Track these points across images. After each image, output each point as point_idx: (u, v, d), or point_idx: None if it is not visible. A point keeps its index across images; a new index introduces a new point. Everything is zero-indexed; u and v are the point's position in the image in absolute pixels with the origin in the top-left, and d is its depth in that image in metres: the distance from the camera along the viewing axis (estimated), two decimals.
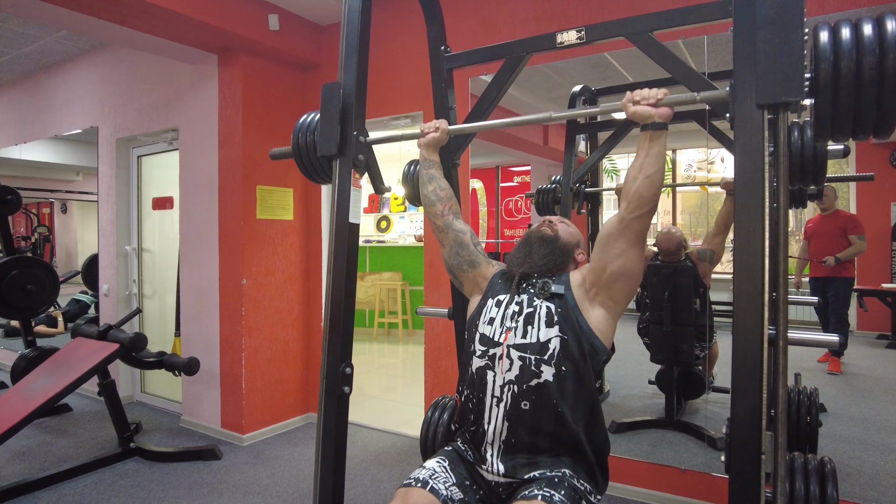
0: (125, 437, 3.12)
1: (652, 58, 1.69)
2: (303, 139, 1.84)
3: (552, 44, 1.85)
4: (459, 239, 1.70)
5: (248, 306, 3.43)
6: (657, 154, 1.34)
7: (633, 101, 1.37)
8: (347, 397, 1.72)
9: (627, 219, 1.38)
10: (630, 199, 1.36)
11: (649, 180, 1.34)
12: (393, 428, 3.69)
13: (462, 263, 1.70)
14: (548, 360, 1.42)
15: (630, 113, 1.36)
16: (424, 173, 1.76)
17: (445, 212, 1.72)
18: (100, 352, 2.92)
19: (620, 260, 1.40)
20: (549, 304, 1.48)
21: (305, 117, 1.88)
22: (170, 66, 3.78)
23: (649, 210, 1.37)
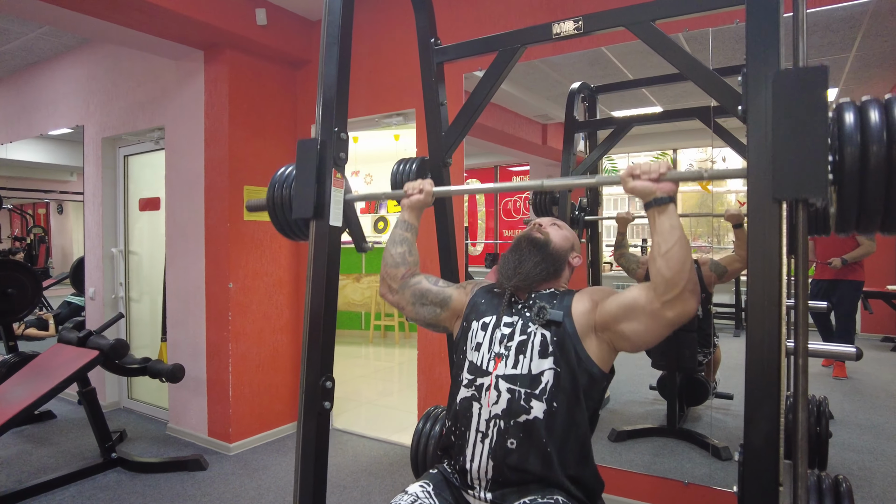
0: (107, 446, 3.00)
1: (656, 50, 1.57)
2: (279, 193, 1.70)
3: (548, 35, 1.74)
4: (417, 290, 1.57)
5: (235, 311, 3.31)
6: (669, 228, 1.18)
7: (632, 175, 1.22)
8: (328, 413, 1.60)
9: (658, 304, 1.20)
10: (656, 284, 1.20)
11: (667, 259, 1.17)
12: (386, 436, 3.57)
13: (433, 309, 1.57)
14: (539, 394, 1.29)
15: (629, 188, 1.22)
16: (399, 234, 1.60)
17: (406, 275, 1.59)
18: (79, 359, 2.81)
19: (637, 331, 1.26)
20: (545, 331, 1.35)
21: (284, 169, 1.73)
22: (155, 63, 3.66)
23: (681, 292, 1.16)
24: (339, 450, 3.39)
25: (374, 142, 6.83)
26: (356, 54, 3.44)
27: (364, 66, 3.43)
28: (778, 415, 0.98)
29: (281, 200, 1.70)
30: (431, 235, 2.16)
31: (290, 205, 1.65)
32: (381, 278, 1.62)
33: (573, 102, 3.29)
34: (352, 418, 3.99)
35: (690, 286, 1.17)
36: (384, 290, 1.62)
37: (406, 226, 1.60)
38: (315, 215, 1.58)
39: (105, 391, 4.14)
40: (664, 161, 1.20)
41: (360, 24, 3.45)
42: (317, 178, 1.57)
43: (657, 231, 1.20)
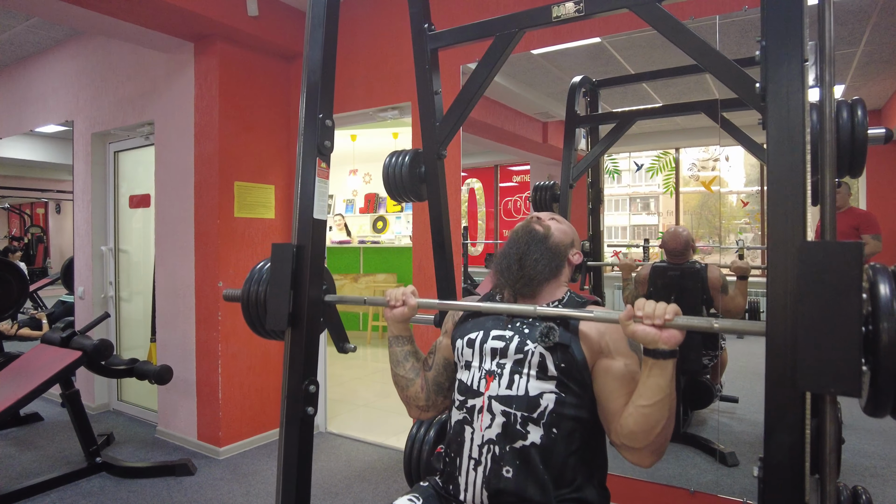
0: (91, 451, 2.90)
1: (662, 33, 1.46)
2: (254, 289, 1.57)
3: (547, 18, 1.64)
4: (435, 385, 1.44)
5: (225, 310, 3.21)
6: (655, 387, 1.06)
7: (633, 318, 1.07)
8: (312, 419, 1.50)
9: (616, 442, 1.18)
10: (620, 426, 1.15)
11: (638, 414, 1.09)
12: (381, 440, 3.47)
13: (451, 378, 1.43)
14: (536, 418, 1.18)
15: (629, 333, 1.07)
16: (398, 351, 1.46)
17: (423, 385, 1.45)
18: (61, 360, 2.71)
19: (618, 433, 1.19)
20: (545, 351, 1.22)
21: (263, 264, 1.61)
22: (145, 56, 3.56)
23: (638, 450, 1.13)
24: (332, 454, 3.28)
25: (372, 140, 6.73)
26: (351, 46, 3.35)
27: (359, 59, 3.33)
28: (803, 424, 0.87)
29: (255, 298, 1.56)
30: (420, 234, 2.06)
31: (264, 306, 1.53)
32: (405, 404, 1.48)
33: (574, 97, 3.19)
34: (347, 421, 3.89)
35: (653, 448, 1.11)
36: (416, 414, 1.48)
37: (400, 341, 1.46)
38: (290, 325, 1.47)
39: (94, 393, 4.04)
40: (672, 305, 1.04)
41: (355, 16, 3.35)
42: (293, 284, 1.45)
43: (644, 383, 1.09)
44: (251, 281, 1.58)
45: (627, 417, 1.12)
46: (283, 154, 3.55)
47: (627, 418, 1.12)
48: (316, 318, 1.50)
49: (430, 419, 1.85)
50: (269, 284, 1.49)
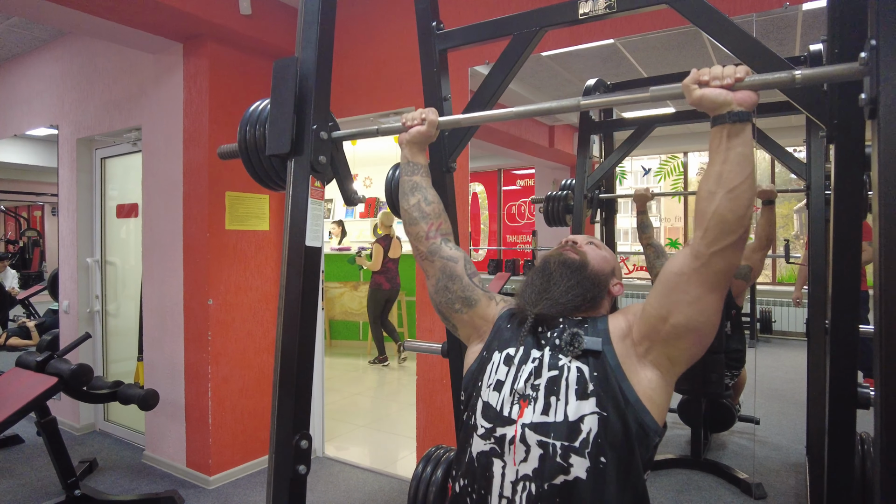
0: (69, 482, 2.68)
1: (707, 31, 1.27)
2: (251, 133, 1.40)
3: (573, 16, 1.44)
4: (449, 269, 1.26)
5: (216, 329, 3.00)
6: (740, 157, 0.92)
7: (698, 82, 0.95)
8: (303, 479, 1.29)
9: (705, 254, 0.95)
10: (707, 226, 0.94)
11: (732, 196, 0.92)
12: (382, 467, 3.26)
13: (453, 301, 1.27)
14: (580, 447, 0.99)
15: (695, 99, 0.95)
16: (406, 181, 1.31)
17: (431, 233, 1.28)
18: (35, 387, 2.50)
19: (691, 309, 0.98)
20: (580, 364, 1.05)
21: (257, 105, 1.44)
22: (132, 58, 3.36)
23: (736, 240, 0.94)
24: (329, 482, 3.07)
25: (373, 144, 6.53)
26: (350, 49, 3.15)
27: (357, 60, 3.13)
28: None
29: (254, 141, 1.40)
30: None
31: (264, 145, 1.37)
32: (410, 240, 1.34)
33: None
34: (345, 444, 3.68)
35: (745, 234, 0.95)
36: (416, 255, 1.34)
37: (411, 167, 1.31)
38: (293, 152, 1.29)
39: (79, 413, 3.83)
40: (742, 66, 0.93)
41: (353, 13, 3.15)
42: (296, 107, 1.29)
43: (726, 158, 0.93)
44: (246, 126, 1.42)
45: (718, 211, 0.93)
46: None
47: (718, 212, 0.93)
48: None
49: (431, 456, 1.65)
50: (271, 105, 1.32)
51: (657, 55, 2.84)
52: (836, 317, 1.23)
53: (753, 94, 0.93)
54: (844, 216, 1.22)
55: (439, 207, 1.31)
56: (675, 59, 2.86)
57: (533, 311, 1.14)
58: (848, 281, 1.22)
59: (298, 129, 1.29)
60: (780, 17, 2.19)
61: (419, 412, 2.92)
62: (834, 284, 1.24)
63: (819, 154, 2.32)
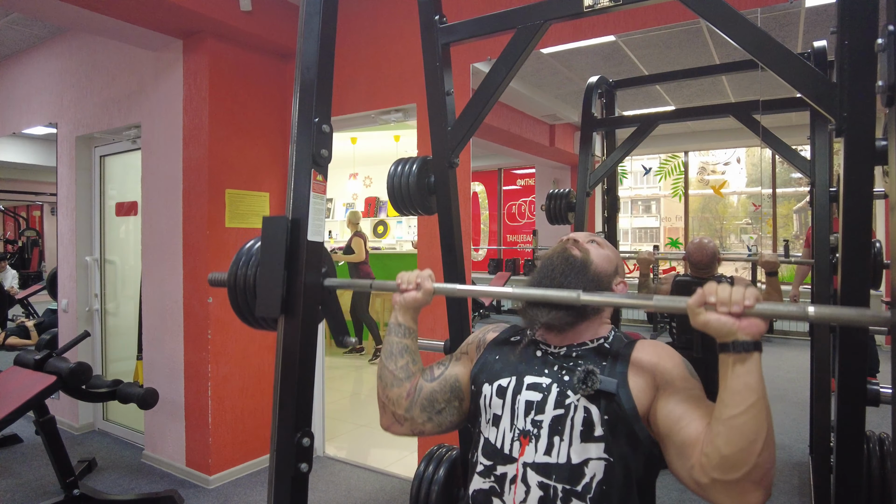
0: (68, 482, 2.66)
1: (717, 26, 1.26)
2: (242, 272, 1.35)
3: (577, 8, 1.42)
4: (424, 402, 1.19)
5: (216, 328, 2.98)
6: (743, 388, 0.83)
7: (704, 304, 0.87)
8: (305, 477, 1.27)
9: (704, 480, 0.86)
10: (709, 454, 0.86)
11: (729, 429, 0.83)
12: (384, 467, 3.24)
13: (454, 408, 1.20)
14: (581, 492, 0.95)
15: (699, 324, 0.87)
16: (396, 342, 1.21)
17: (411, 390, 1.20)
18: (33, 385, 2.48)
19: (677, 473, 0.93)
20: (589, 405, 0.99)
21: (252, 244, 1.38)
22: (132, 55, 3.34)
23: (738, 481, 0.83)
24: (329, 482, 3.05)
25: (373, 143, 6.51)
26: (352, 45, 3.13)
27: (360, 57, 3.11)
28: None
29: (244, 282, 1.34)
30: (435, 236, 1.85)
31: (253, 292, 1.31)
32: (381, 406, 1.23)
33: (591, 98, 2.98)
34: (346, 444, 3.66)
35: (757, 475, 0.82)
36: (388, 422, 1.23)
37: (403, 330, 1.21)
38: (284, 312, 1.25)
39: (78, 412, 3.81)
40: (752, 289, 0.85)
41: (356, 9, 3.13)
42: (286, 265, 1.23)
43: (726, 386, 0.85)
44: (239, 262, 1.36)
45: (714, 439, 0.85)
46: (279, 159, 3.33)
47: (715, 440, 0.85)
48: (313, 305, 1.27)
49: (433, 455, 1.64)
50: (260, 264, 1.27)
51: (659, 53, 2.83)
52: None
53: (762, 322, 0.85)
54: (854, 211, 1.20)
55: (421, 365, 1.24)
56: (677, 56, 2.84)
57: (540, 322, 1.09)
58: (857, 276, 1.21)
59: (289, 286, 1.24)
60: (783, 13, 2.17)
61: None
62: (843, 279, 1.22)
63: (823, 151, 2.31)
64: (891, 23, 0.75)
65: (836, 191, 2.11)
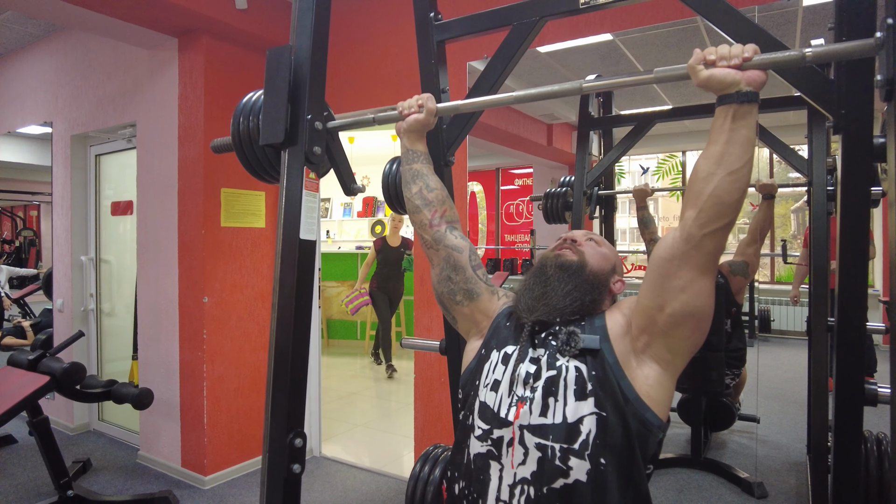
0: (62, 483, 2.64)
1: (712, 21, 1.25)
2: (244, 125, 1.37)
3: (574, 4, 1.41)
4: (453, 259, 1.23)
5: (211, 328, 2.96)
6: (744, 140, 0.89)
7: (705, 62, 0.92)
8: (298, 478, 1.26)
9: (697, 236, 0.93)
10: (702, 207, 0.92)
11: (732, 179, 0.90)
12: (380, 467, 3.22)
13: (455, 292, 1.23)
14: (579, 449, 0.95)
15: (702, 79, 0.91)
16: (407, 169, 1.28)
17: (436, 220, 1.24)
18: (26, 386, 2.46)
19: (685, 295, 0.95)
20: (578, 363, 1.02)
21: (250, 96, 1.40)
22: (127, 53, 3.32)
23: (728, 223, 0.93)
24: (326, 482, 3.04)
25: (370, 142, 6.50)
26: (348, 43, 3.12)
27: (356, 56, 3.10)
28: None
29: (248, 132, 1.37)
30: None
31: (258, 136, 1.34)
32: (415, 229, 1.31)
33: (588, 98, 2.98)
34: (342, 444, 3.64)
35: (736, 217, 0.94)
36: (421, 243, 1.30)
37: (411, 155, 1.28)
38: (288, 141, 1.26)
39: (73, 413, 3.79)
40: (749, 44, 0.90)
41: (350, 7, 3.12)
42: (290, 97, 1.26)
43: (730, 139, 0.90)
44: (239, 117, 1.38)
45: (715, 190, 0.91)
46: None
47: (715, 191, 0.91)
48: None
49: (429, 456, 1.62)
50: (265, 94, 1.29)
51: (656, 52, 2.82)
52: (842, 312, 1.20)
53: (763, 73, 0.90)
54: (852, 208, 1.19)
55: (443, 194, 1.27)
56: (674, 56, 2.84)
57: (530, 319, 1.10)
58: (855, 274, 1.20)
59: (293, 119, 1.26)
60: (780, 12, 2.17)
61: (417, 411, 2.89)
62: (840, 279, 1.21)
63: (821, 149, 2.30)
64: (890, 16, 0.74)
65: (834, 189, 2.11)
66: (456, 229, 1.27)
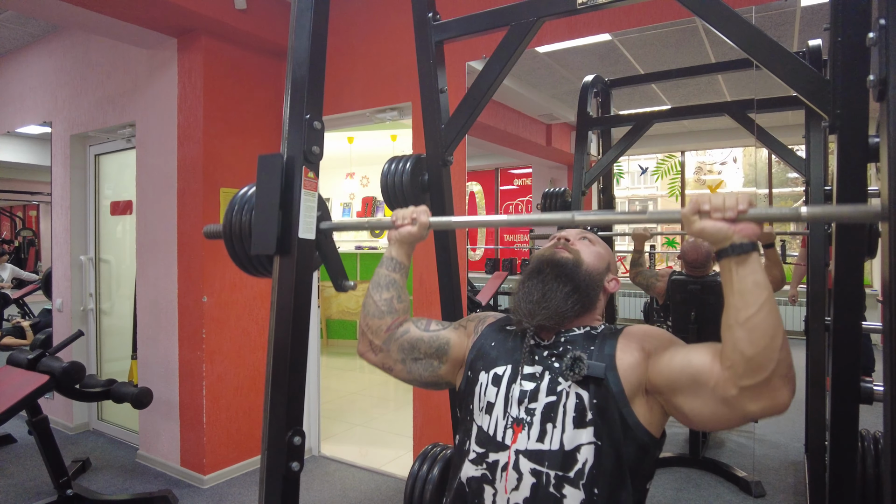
0: (62, 482, 2.65)
1: (708, 21, 1.25)
2: (237, 219, 1.34)
3: (571, 5, 1.42)
4: (405, 343, 1.21)
5: (210, 327, 2.97)
6: (752, 287, 0.85)
7: (698, 212, 0.89)
8: (297, 475, 1.27)
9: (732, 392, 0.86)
10: (733, 363, 0.86)
11: (748, 330, 0.84)
12: (379, 466, 3.23)
13: (430, 365, 1.22)
14: (574, 478, 0.95)
15: (695, 231, 0.89)
16: (384, 275, 1.24)
17: (393, 326, 1.22)
18: (26, 385, 2.46)
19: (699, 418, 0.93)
20: (580, 390, 1.00)
21: (246, 190, 1.38)
22: (126, 53, 3.33)
23: (767, 379, 0.83)
24: (325, 481, 3.04)
25: (370, 142, 6.50)
26: (347, 44, 3.12)
27: (355, 55, 3.10)
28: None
29: (240, 228, 1.33)
30: (430, 247, 1.84)
31: (249, 235, 1.31)
32: (360, 332, 1.26)
33: (586, 97, 2.98)
34: (341, 443, 3.64)
35: (783, 370, 0.83)
36: (364, 349, 1.26)
37: (394, 264, 1.24)
38: (279, 251, 1.24)
39: (73, 412, 3.79)
40: (744, 194, 0.87)
41: (351, 8, 3.13)
42: (281, 204, 1.23)
43: (735, 291, 0.86)
44: (234, 209, 1.35)
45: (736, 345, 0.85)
46: None
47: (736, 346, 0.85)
48: (309, 247, 1.27)
49: (427, 454, 1.63)
50: (256, 202, 1.27)
51: (655, 52, 2.83)
52: (838, 310, 1.21)
53: (756, 226, 0.87)
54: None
55: (406, 308, 1.26)
56: (673, 56, 2.84)
57: (532, 324, 1.09)
58: (850, 275, 1.20)
59: (284, 227, 1.24)
60: (778, 12, 2.17)
61: (416, 410, 2.89)
62: (836, 279, 1.22)
63: (818, 149, 2.31)
64: (882, 16, 0.74)
65: (832, 189, 2.11)
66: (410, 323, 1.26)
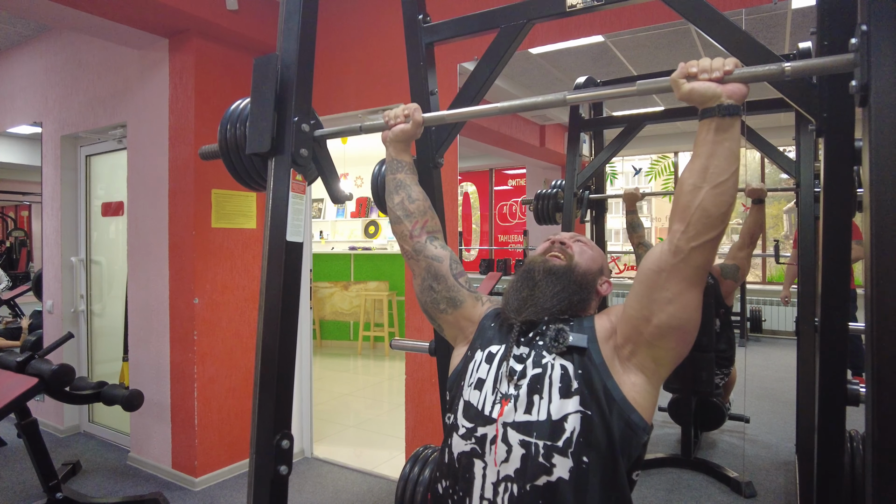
0: (51, 485, 2.63)
1: (697, 24, 1.26)
2: (231, 133, 1.36)
3: (560, 8, 1.42)
4: (434, 269, 1.24)
5: (202, 329, 2.95)
6: (728, 152, 0.90)
7: (687, 75, 0.92)
8: (285, 479, 1.26)
9: (685, 249, 0.93)
10: (689, 220, 0.92)
11: (718, 192, 0.90)
12: (371, 468, 3.22)
13: (438, 301, 1.24)
14: (562, 447, 0.96)
15: (684, 93, 0.92)
16: (391, 179, 1.29)
17: (416, 231, 1.25)
18: (14, 388, 2.44)
19: (672, 307, 0.95)
20: (564, 361, 1.03)
21: (237, 104, 1.40)
22: (117, 53, 3.31)
23: (717, 235, 0.92)
24: (317, 483, 3.04)
25: (364, 143, 6.51)
26: (338, 45, 3.12)
27: (347, 57, 3.10)
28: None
29: (235, 141, 1.36)
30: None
31: (245, 144, 1.33)
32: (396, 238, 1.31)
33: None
34: (334, 445, 3.64)
35: (724, 229, 0.93)
36: (402, 253, 1.31)
37: (395, 164, 1.28)
38: (274, 150, 1.26)
39: (63, 414, 3.77)
40: (731, 57, 0.92)
41: (341, 9, 3.12)
42: (276, 105, 1.25)
43: (713, 152, 0.90)
44: (226, 125, 1.38)
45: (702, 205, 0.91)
46: None
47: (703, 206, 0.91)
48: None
49: (419, 456, 1.62)
50: (251, 104, 1.29)
51: (647, 53, 2.84)
52: (825, 313, 1.22)
53: (743, 86, 0.90)
54: (834, 211, 1.21)
55: (424, 205, 1.28)
56: (666, 57, 2.85)
57: (518, 319, 1.12)
58: (837, 277, 1.21)
59: (279, 127, 1.26)
60: (769, 15, 2.18)
61: (408, 412, 2.89)
62: (824, 280, 1.23)
63: (808, 151, 2.32)
64: (864, 22, 0.74)
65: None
66: (437, 239, 1.27)
